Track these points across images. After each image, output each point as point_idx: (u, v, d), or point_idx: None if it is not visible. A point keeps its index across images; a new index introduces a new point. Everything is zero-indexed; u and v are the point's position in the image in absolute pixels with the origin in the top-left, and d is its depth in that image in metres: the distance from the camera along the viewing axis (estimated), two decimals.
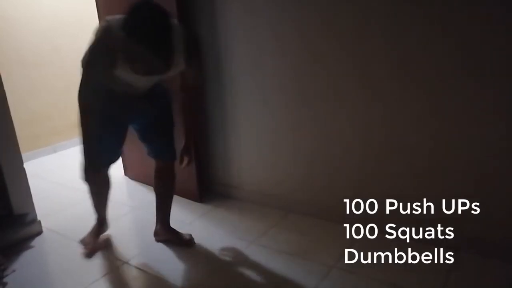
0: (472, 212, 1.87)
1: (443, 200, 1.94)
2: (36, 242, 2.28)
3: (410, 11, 1.81)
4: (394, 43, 1.88)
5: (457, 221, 1.92)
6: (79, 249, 2.12)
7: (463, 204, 1.89)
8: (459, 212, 1.91)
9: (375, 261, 1.90)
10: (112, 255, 2.10)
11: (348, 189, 2.21)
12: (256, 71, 2.34)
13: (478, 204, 1.85)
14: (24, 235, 2.27)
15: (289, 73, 2.23)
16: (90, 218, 2.16)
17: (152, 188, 2.93)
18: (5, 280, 1.92)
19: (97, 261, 2.05)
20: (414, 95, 1.89)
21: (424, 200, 1.98)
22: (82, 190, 2.02)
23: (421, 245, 1.98)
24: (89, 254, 2.09)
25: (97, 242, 2.16)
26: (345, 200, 2.23)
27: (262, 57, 2.29)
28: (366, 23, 1.93)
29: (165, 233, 2.18)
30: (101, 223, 2.20)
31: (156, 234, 2.21)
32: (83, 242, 2.18)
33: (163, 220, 2.19)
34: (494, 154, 1.77)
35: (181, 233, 2.18)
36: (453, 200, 1.91)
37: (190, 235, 2.18)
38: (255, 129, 2.47)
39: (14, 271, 1.99)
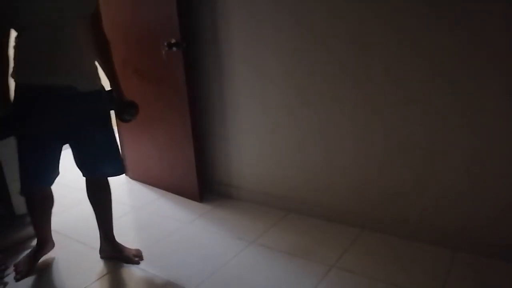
0: (472, 212, 1.88)
1: (443, 200, 1.94)
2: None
3: (408, 12, 1.81)
4: (395, 43, 1.88)
5: (457, 221, 1.93)
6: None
7: (463, 204, 1.90)
8: (459, 212, 1.91)
9: (375, 261, 1.91)
10: None
11: (348, 189, 2.21)
12: (257, 70, 2.34)
13: (478, 204, 1.86)
14: (25, 235, 2.27)
15: (290, 72, 2.23)
16: (91, 218, 2.16)
17: (152, 187, 2.95)
18: (5, 280, 1.93)
19: (98, 261, 2.06)
20: (415, 95, 1.89)
21: (424, 200, 1.99)
22: (82, 190, 2.02)
23: (421, 245, 1.99)
24: (20, 279, 1.90)
25: (33, 266, 1.97)
26: (345, 200, 2.24)
27: (263, 56, 2.29)
28: (366, 24, 1.93)
29: (110, 249, 2.05)
30: (40, 245, 2.02)
31: (101, 251, 2.08)
32: (16, 266, 1.97)
33: (106, 236, 2.06)
34: (494, 154, 1.77)
35: (127, 248, 2.06)
36: (453, 200, 1.92)
37: (138, 250, 2.07)
38: (255, 128, 2.47)
39: None
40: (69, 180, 3.14)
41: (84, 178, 1.97)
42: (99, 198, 2.02)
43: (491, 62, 1.69)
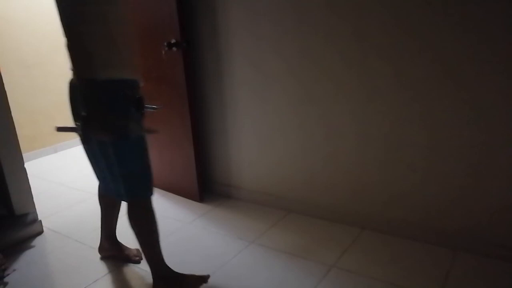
0: (472, 212, 1.88)
1: (443, 200, 1.94)
2: (37, 242, 2.29)
3: (414, 10, 1.81)
4: (400, 42, 1.88)
5: (457, 221, 1.93)
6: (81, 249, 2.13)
7: (463, 204, 1.90)
8: (459, 212, 1.91)
9: (375, 261, 1.91)
10: None
11: (349, 189, 2.21)
12: (257, 70, 2.34)
13: (478, 204, 1.86)
14: (25, 235, 2.28)
15: (290, 72, 2.23)
16: (90, 218, 2.16)
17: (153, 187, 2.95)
18: (6, 279, 1.93)
19: (98, 261, 2.06)
20: (417, 95, 1.89)
21: (424, 200, 1.99)
22: (82, 190, 2.02)
23: (421, 245, 1.99)
24: None
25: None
26: (345, 200, 2.24)
27: (263, 56, 2.29)
28: (371, 22, 1.93)
29: (110, 247, 2.03)
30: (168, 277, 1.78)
31: (101, 249, 2.06)
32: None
33: (109, 233, 2.03)
34: (494, 154, 1.77)
35: (128, 248, 2.05)
36: (453, 200, 1.92)
37: (138, 250, 2.03)
38: (256, 128, 2.47)
39: (15, 270, 2.00)
40: (69, 180, 3.14)
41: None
42: (113, 201, 1.93)
43: (495, 61, 1.68)
